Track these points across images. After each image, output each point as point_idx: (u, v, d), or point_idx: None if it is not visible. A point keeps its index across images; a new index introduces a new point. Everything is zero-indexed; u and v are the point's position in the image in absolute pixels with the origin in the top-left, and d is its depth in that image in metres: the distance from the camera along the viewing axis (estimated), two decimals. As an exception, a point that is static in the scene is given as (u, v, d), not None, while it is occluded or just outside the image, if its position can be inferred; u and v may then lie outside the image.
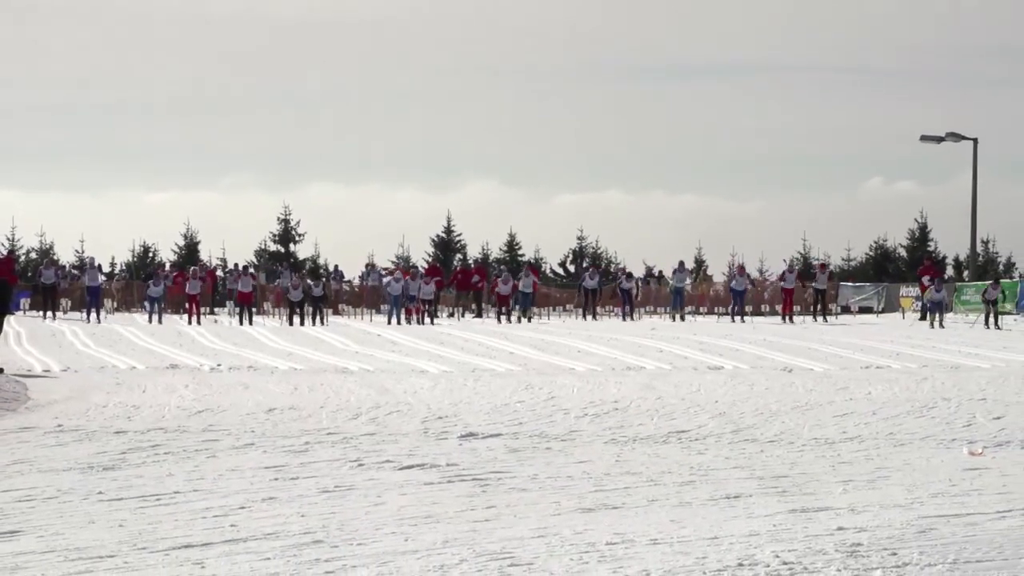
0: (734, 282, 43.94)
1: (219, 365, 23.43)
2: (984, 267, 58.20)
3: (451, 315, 43.52)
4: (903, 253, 63.50)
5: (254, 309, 40.16)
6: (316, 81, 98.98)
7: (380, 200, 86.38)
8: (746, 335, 31.32)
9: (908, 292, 45.49)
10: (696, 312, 46.12)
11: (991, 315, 37.08)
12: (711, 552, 8.03)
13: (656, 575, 7.38)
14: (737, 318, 41.74)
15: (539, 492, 10.42)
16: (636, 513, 9.51)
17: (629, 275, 46.57)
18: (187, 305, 39.36)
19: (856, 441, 13.49)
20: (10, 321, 36.61)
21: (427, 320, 39.84)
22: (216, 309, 43.40)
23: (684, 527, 8.87)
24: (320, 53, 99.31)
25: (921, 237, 63.20)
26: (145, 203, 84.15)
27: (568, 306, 49.33)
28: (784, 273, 44.33)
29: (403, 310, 39.94)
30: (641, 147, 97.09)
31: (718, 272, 57.34)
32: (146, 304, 40.27)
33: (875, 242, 64.28)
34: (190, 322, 37.74)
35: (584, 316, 43.35)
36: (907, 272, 55.95)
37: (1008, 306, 41.80)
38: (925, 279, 41.18)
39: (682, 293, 44.23)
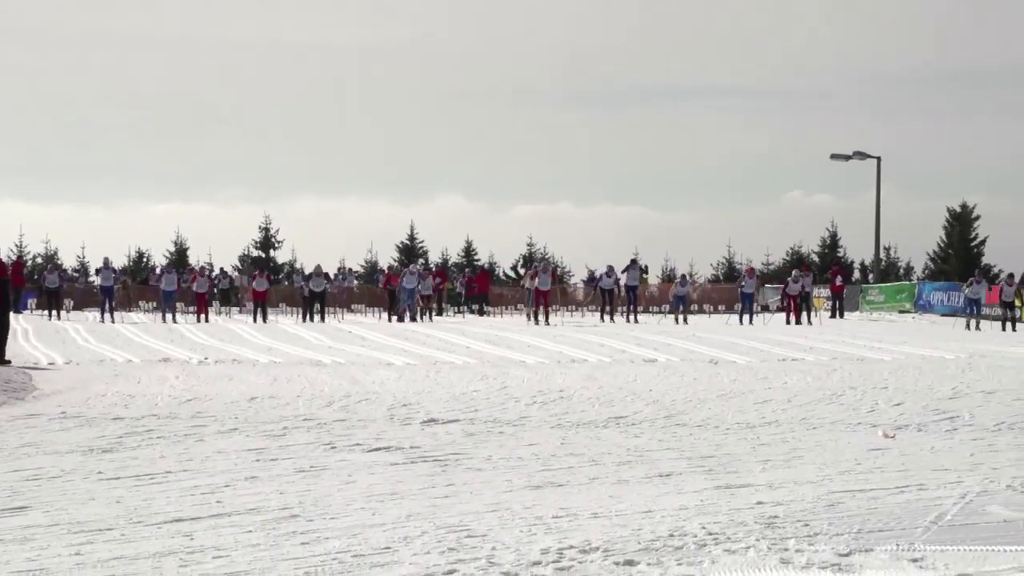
0: (744, 284, 40.52)
1: (206, 359, 23.34)
2: (886, 271, 58.64)
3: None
4: (816, 258, 63.90)
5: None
6: (304, 104, 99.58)
7: (356, 212, 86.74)
8: (679, 331, 31.40)
9: (820, 292, 45.76)
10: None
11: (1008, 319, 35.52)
12: (645, 524, 8.06)
13: (596, 544, 7.40)
14: (745, 318, 38.77)
15: (493, 471, 10.44)
16: (579, 490, 9.53)
17: (633, 262, 41.44)
18: (196, 304, 38.74)
19: (774, 425, 13.55)
20: (18, 319, 36.41)
21: (424, 318, 38.60)
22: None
23: (621, 502, 8.90)
24: (309, 79, 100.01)
25: (832, 244, 63.71)
26: (149, 214, 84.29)
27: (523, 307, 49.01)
28: (788, 280, 40.66)
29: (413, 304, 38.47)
30: (591, 164, 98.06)
31: (652, 275, 57.43)
32: (155, 302, 38.99)
33: (791, 248, 64.84)
34: (198, 319, 37.05)
35: (603, 318, 38.81)
36: (818, 275, 56.29)
37: (907, 305, 42.11)
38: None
39: (684, 299, 40.72)
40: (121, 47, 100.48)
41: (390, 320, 39.29)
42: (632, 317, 39.03)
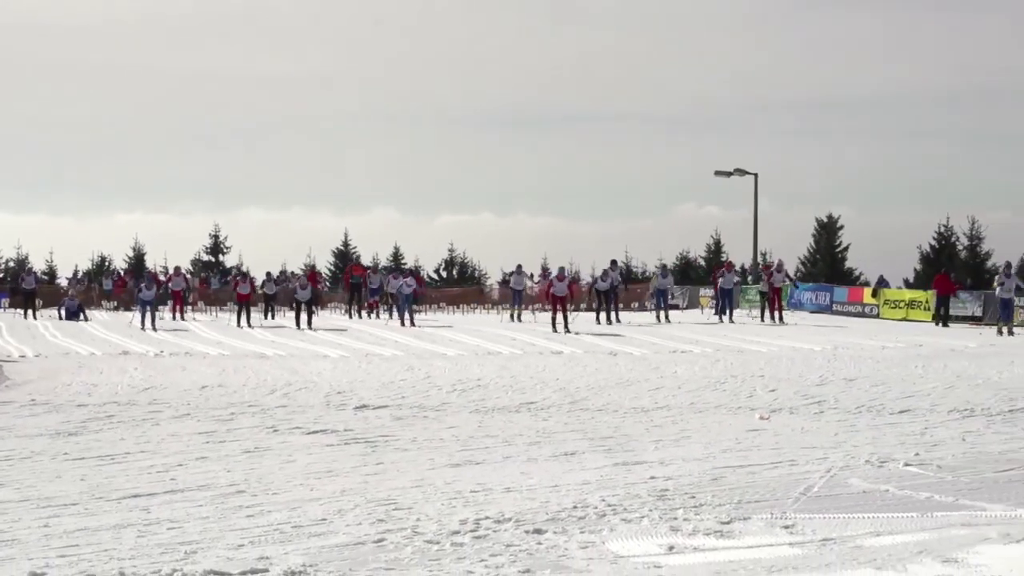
0: (722, 280, 34.75)
1: (162, 352, 23.08)
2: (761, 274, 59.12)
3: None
4: (702, 262, 64.31)
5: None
6: (255, 127, 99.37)
7: (299, 222, 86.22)
8: (580, 326, 31.45)
9: (705, 292, 46.06)
10: (542, 309, 44.51)
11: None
12: (552, 497, 8.09)
13: (509, 516, 7.43)
14: (724, 316, 33.85)
15: (417, 451, 10.43)
16: (494, 467, 9.55)
17: (613, 264, 35.46)
18: (171, 301, 37.15)
19: (665, 409, 13.65)
20: (-9, 316, 35.75)
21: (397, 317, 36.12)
22: (159, 307, 42.30)
23: (531, 478, 8.93)
24: (258, 105, 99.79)
25: (716, 250, 64.05)
26: (114, 223, 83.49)
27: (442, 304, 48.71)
28: (772, 271, 34.74)
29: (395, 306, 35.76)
30: (508, 179, 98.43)
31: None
32: (136, 307, 35.79)
33: (680, 253, 65.08)
34: (174, 317, 35.69)
35: (598, 320, 32.90)
36: (704, 277, 56.68)
37: (783, 303, 42.52)
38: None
39: (665, 295, 35.06)
40: (93, 77, 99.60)
41: (350, 316, 37.68)
42: (614, 316, 33.74)
